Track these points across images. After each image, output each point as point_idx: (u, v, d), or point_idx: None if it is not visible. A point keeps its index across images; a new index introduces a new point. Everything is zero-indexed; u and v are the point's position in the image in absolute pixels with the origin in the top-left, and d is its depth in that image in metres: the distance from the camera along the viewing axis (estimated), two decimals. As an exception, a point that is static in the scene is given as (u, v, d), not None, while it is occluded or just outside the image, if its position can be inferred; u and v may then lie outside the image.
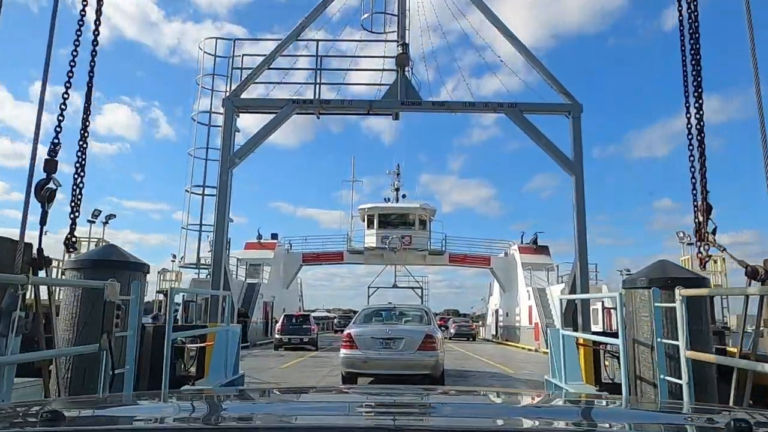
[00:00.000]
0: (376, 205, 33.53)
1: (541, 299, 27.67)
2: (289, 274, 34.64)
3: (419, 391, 2.45)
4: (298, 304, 39.85)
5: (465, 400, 2.10)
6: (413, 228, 33.29)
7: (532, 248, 32.43)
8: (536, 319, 27.44)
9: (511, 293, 33.45)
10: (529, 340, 28.20)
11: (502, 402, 2.06)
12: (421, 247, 33.02)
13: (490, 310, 40.24)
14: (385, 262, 34.31)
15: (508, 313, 33.99)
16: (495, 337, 36.46)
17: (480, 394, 2.66)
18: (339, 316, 50.71)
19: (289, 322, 23.32)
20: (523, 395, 2.69)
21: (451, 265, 34.86)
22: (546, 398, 2.65)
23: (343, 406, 1.79)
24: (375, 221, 33.43)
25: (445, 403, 1.98)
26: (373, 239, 33.13)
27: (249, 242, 32.91)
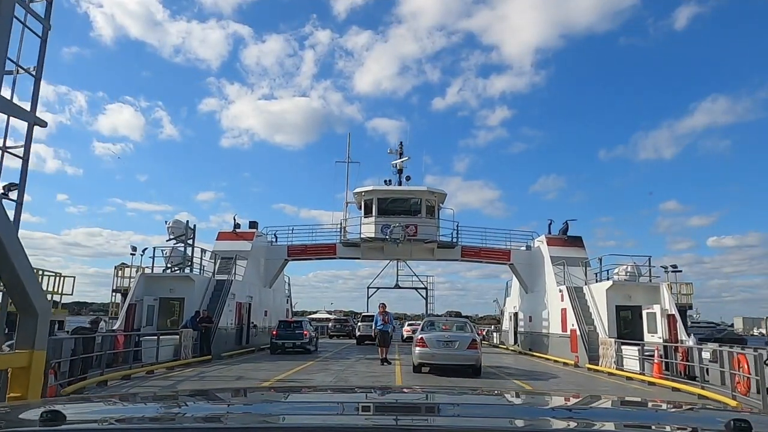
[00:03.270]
0: (375, 188, 28.17)
1: (579, 301, 22.26)
2: (271, 271, 29.28)
3: (420, 392, 2.85)
4: (284, 306, 34.43)
5: (466, 400, 2.17)
6: (419, 216, 27.92)
7: (563, 240, 27.01)
8: (573, 326, 22.03)
9: (535, 293, 28.03)
10: (562, 351, 22.79)
11: (502, 402, 2.16)
12: (428, 239, 27.64)
13: (507, 313, 34.82)
14: (385, 256, 28.95)
15: (531, 317, 28.54)
16: (515, 345, 31.02)
17: (481, 394, 2.70)
18: (334, 320, 45.37)
19: (283, 328, 23.91)
20: (524, 395, 2.83)
21: (464, 260, 29.46)
22: (546, 398, 2.64)
23: (346, 406, 1.87)
24: (374, 207, 28.07)
25: (447, 404, 2.08)
26: (371, 229, 27.77)
27: (222, 231, 27.59)
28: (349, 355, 24.34)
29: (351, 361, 20.37)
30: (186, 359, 17.92)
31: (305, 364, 18.46)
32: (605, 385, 15.07)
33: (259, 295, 27.96)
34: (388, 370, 17.25)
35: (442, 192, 28.60)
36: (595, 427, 1.57)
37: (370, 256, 29.39)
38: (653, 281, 21.47)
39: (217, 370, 16.24)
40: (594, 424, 1.64)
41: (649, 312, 19.96)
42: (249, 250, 26.41)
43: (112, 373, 13.69)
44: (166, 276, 21.76)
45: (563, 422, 1.66)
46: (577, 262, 24.89)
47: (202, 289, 22.08)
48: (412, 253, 28.87)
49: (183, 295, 21.18)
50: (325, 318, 60.14)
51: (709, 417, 1.77)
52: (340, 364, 18.72)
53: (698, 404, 3.77)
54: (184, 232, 22.36)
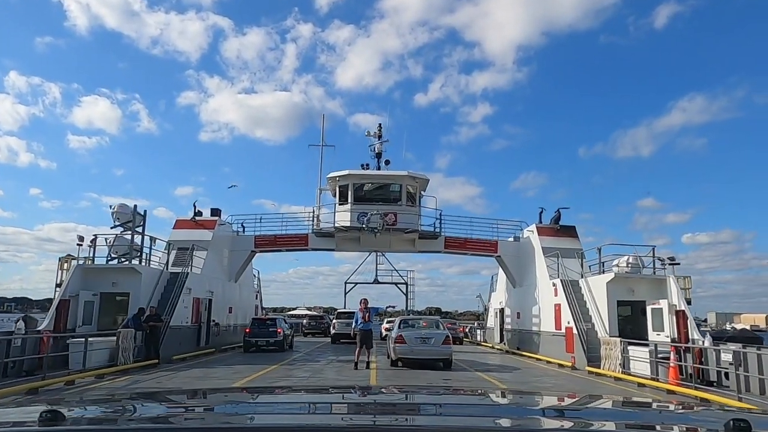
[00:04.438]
0: (350, 173, 25.63)
1: (575, 295, 20.10)
2: (236, 263, 26.60)
3: (397, 392, 2.68)
4: (253, 302, 31.75)
5: (445, 400, 2.18)
6: (399, 203, 25.49)
7: (555, 229, 24.85)
8: (568, 323, 19.87)
9: (524, 288, 25.87)
10: (556, 352, 20.64)
11: (479, 402, 2.17)
12: (409, 228, 25.24)
13: (492, 309, 32.66)
14: (362, 246, 26.47)
15: (520, 313, 26.38)
16: (501, 343, 28.86)
17: (460, 393, 2.79)
18: (309, 318, 42.80)
19: (257, 326, 23.63)
20: (499, 394, 2.68)
21: (447, 252, 27.11)
22: (538, 398, 2.57)
23: (325, 406, 1.91)
24: (349, 194, 25.55)
25: (425, 404, 2.09)
26: (346, 217, 25.26)
27: (180, 219, 24.82)
28: (320, 356, 21.88)
29: (320, 365, 17.90)
30: (125, 365, 15.28)
31: (267, 368, 15.95)
32: (617, 395, 12.84)
33: (222, 289, 25.28)
34: (362, 374, 14.87)
35: (424, 177, 26.19)
36: (592, 427, 1.54)
37: (346, 247, 26.88)
38: (657, 273, 19.37)
39: (156, 379, 13.61)
40: (591, 424, 1.59)
41: (654, 308, 17.87)
42: (210, 239, 23.70)
43: (12, 387, 10.95)
44: (108, 268, 18.99)
45: (557, 422, 1.63)
46: (571, 254, 22.73)
47: (152, 283, 19.37)
48: (392, 244, 26.44)
49: (128, 290, 18.45)
50: (304, 315, 57.68)
51: (709, 417, 1.77)
52: (306, 369, 16.22)
53: (697, 404, 3.72)
54: (132, 218, 19.59)
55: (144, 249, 20.28)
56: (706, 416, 1.81)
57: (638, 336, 17.57)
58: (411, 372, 15.90)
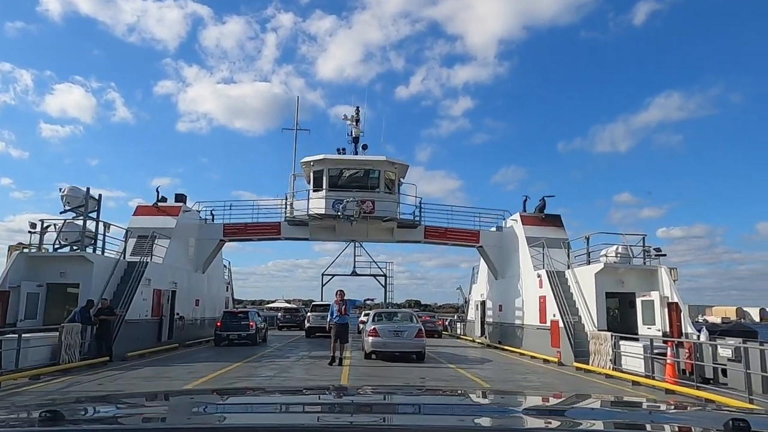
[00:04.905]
0: (325, 157, 24.18)
1: (561, 287, 19.04)
2: (204, 253, 25.01)
3: (374, 394, 2.54)
4: (223, 294, 30.18)
5: (424, 401, 2.16)
6: (377, 190, 24.15)
7: (540, 218, 23.78)
8: (554, 316, 18.82)
9: (507, 279, 24.80)
10: (540, 346, 19.59)
11: (460, 402, 2.12)
12: (387, 216, 23.92)
13: (473, 302, 31.61)
14: (337, 236, 25.08)
15: (502, 305, 25.33)
16: (482, 337, 27.82)
17: (439, 394, 2.67)
18: (284, 311, 41.33)
19: (228, 319, 22.80)
20: (480, 394, 2.64)
21: (427, 242, 25.89)
22: (515, 398, 2.53)
23: (302, 406, 1.91)
24: (324, 180, 24.12)
25: (404, 404, 2.05)
26: (321, 204, 23.85)
27: (141, 205, 23.13)
28: (292, 351, 20.54)
29: (289, 362, 16.56)
30: (69, 363, 13.72)
31: (229, 367, 14.55)
32: (611, 394, 11.75)
33: (188, 281, 23.70)
34: (333, 373, 13.59)
35: (404, 163, 24.89)
36: (591, 428, 1.54)
37: (320, 237, 25.48)
38: (648, 264, 18.39)
39: (98, 380, 12.09)
40: (590, 425, 1.59)
41: (645, 300, 16.89)
42: (173, 227, 22.07)
43: None
44: (54, 256, 17.30)
45: (543, 423, 1.60)
46: (556, 244, 21.69)
47: (106, 273, 17.74)
48: (369, 233, 25.10)
49: (78, 281, 16.82)
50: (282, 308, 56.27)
51: (708, 416, 1.77)
52: (272, 368, 14.84)
53: (696, 403, 3.55)
54: (84, 202, 17.90)
55: (99, 236, 18.60)
56: (705, 416, 1.80)
57: (626, 330, 16.58)
58: (385, 369, 14.73)
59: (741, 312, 51.19)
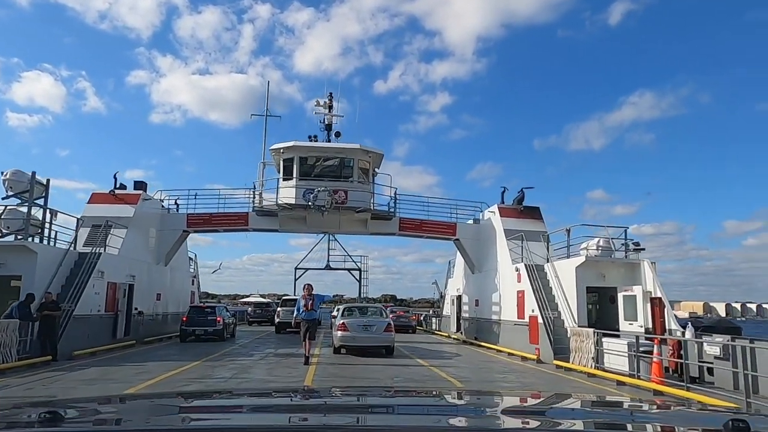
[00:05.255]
0: (296, 144, 22.98)
1: (540, 281, 18.28)
2: (166, 244, 23.62)
3: (350, 393, 2.62)
4: (188, 288, 28.77)
5: (399, 402, 2.13)
6: (350, 180, 23.06)
7: (518, 210, 23.01)
8: (533, 311, 18.07)
9: (484, 273, 24.00)
10: (518, 342, 18.84)
11: (436, 403, 2.11)
12: (360, 207, 22.84)
13: (449, 296, 30.81)
14: (309, 227, 23.91)
15: (479, 300, 24.55)
16: (458, 333, 27.03)
17: (414, 395, 2.61)
18: (255, 305, 39.98)
19: (194, 314, 22.16)
20: (455, 395, 2.63)
21: (402, 235, 24.91)
22: (492, 398, 2.50)
23: (278, 407, 1.88)
24: (295, 168, 22.93)
25: (378, 405, 2.01)
26: (291, 194, 22.66)
27: (97, 192, 21.64)
28: (257, 348, 19.39)
29: (252, 360, 15.43)
30: (3, 363, 12.37)
31: (184, 366, 13.38)
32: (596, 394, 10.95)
33: (148, 273, 22.31)
34: (297, 374, 12.54)
35: (378, 152, 23.81)
36: (596, 425, 1.53)
37: (290, 228, 24.27)
38: (630, 257, 17.72)
39: (32, 382, 10.79)
40: (595, 422, 1.59)
41: (626, 294, 16.18)
42: (131, 216, 20.65)
43: None
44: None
45: (532, 423, 1.58)
46: (535, 237, 20.94)
47: (52, 265, 16.31)
48: (341, 225, 24.00)
49: (20, 272, 15.40)
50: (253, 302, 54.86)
51: (708, 417, 1.77)
52: (231, 367, 13.70)
53: (695, 404, 3.52)
54: (29, 187, 16.42)
55: (46, 225, 17.13)
56: (704, 416, 1.81)
57: (606, 326, 15.90)
58: (354, 368, 13.76)
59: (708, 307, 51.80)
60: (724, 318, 21.67)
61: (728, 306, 52.89)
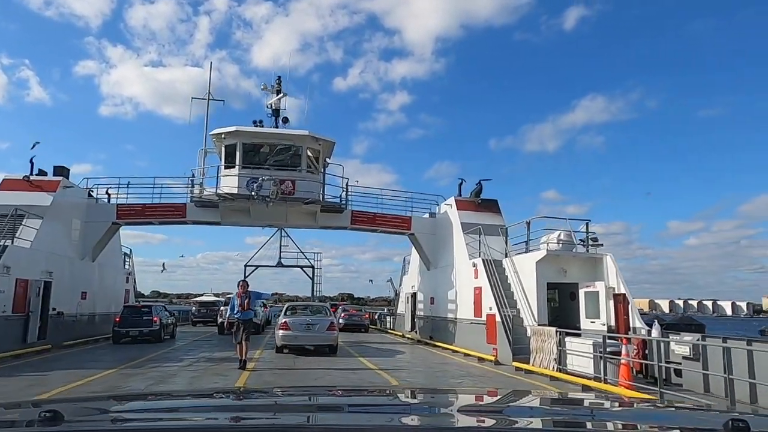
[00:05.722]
0: (239, 129, 21.17)
1: (498, 277, 17.20)
2: (92, 237, 21.38)
3: (301, 393, 2.56)
4: (122, 287, 26.45)
5: (351, 401, 2.10)
6: (299, 169, 21.43)
7: (476, 203, 21.95)
8: (490, 309, 16.97)
9: (440, 270, 22.85)
10: (475, 343, 17.72)
11: (390, 402, 2.06)
12: (309, 198, 21.24)
13: (404, 294, 29.58)
14: (252, 219, 22.14)
15: (434, 298, 23.39)
16: (412, 332, 25.81)
17: (366, 394, 2.60)
18: (199, 305, 37.72)
19: (128, 314, 20.77)
20: (408, 393, 2.57)
21: (354, 228, 23.44)
22: (446, 396, 2.50)
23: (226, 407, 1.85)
24: (238, 155, 21.13)
25: (330, 404, 1.99)
26: (233, 183, 20.85)
27: (9, 178, 19.26)
28: (191, 352, 17.57)
29: (179, 367, 13.66)
30: None
31: (95, 375, 11.54)
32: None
33: (70, 270, 20.05)
34: (228, 382, 10.94)
35: (329, 140, 22.24)
36: (593, 425, 1.53)
37: (233, 221, 22.41)
38: (592, 251, 16.84)
39: None
40: (593, 422, 1.60)
41: (588, 291, 15.27)
42: (47, 205, 18.40)
43: None
44: None
45: (487, 422, 1.59)
46: (494, 231, 19.88)
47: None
48: (289, 218, 22.34)
49: None
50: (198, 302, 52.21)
51: (707, 417, 1.74)
52: (150, 376, 11.92)
53: (695, 404, 3.45)
54: None
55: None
56: (704, 416, 1.78)
57: (566, 324, 14.93)
58: (293, 374, 12.26)
59: (653, 304, 52.91)
60: (686, 315, 21.23)
61: (672, 303, 54.08)
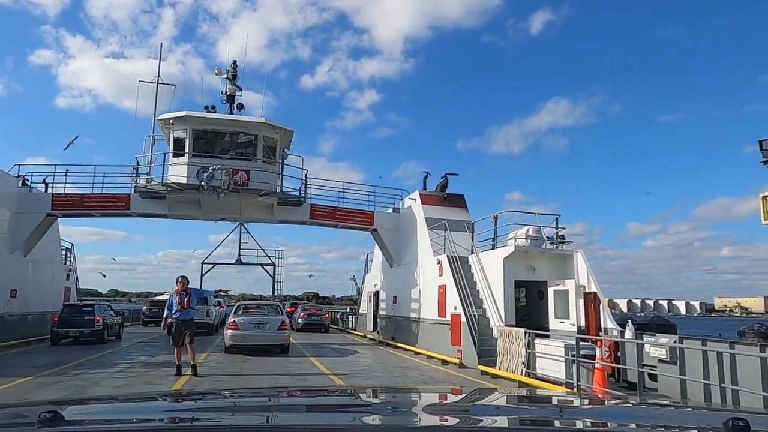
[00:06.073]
0: (188, 114, 19.61)
1: (464, 274, 16.25)
2: (24, 230, 19.49)
3: (261, 394, 2.56)
4: (62, 284, 24.48)
5: (311, 401, 2.08)
6: (254, 159, 20.03)
7: (441, 198, 20.98)
8: (455, 308, 16.01)
9: (404, 267, 21.82)
10: (438, 344, 16.73)
11: (352, 402, 2.03)
12: (265, 190, 19.84)
13: (366, 292, 28.47)
14: (203, 212, 20.59)
15: (397, 297, 22.34)
16: (374, 332, 24.71)
17: (326, 394, 2.57)
18: (150, 304, 35.67)
19: (68, 313, 19.44)
20: (370, 392, 2.51)
21: (313, 223, 22.15)
22: (409, 395, 2.46)
23: (187, 409, 1.81)
24: (187, 143, 19.58)
25: (291, 405, 1.97)
26: (182, 172, 19.29)
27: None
28: (129, 355, 16.04)
29: (108, 373, 12.16)
30: None
31: (5, 385, 10.00)
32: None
33: (3, 266, 18.19)
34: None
35: (287, 128, 20.87)
36: (594, 425, 1.50)
37: (182, 213, 20.82)
38: (562, 248, 16.06)
39: None
40: (590, 422, 1.55)
41: (558, 289, 14.47)
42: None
43: None
44: None
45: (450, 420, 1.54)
46: (460, 226, 18.94)
47: None
48: (243, 211, 20.89)
49: None
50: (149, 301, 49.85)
51: (707, 416, 1.73)
52: (70, 385, 10.43)
53: (697, 404, 3.42)
54: None
55: None
56: (704, 415, 1.77)
57: (534, 324, 14.10)
58: (237, 381, 11.02)
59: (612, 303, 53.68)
60: (658, 315, 20.74)
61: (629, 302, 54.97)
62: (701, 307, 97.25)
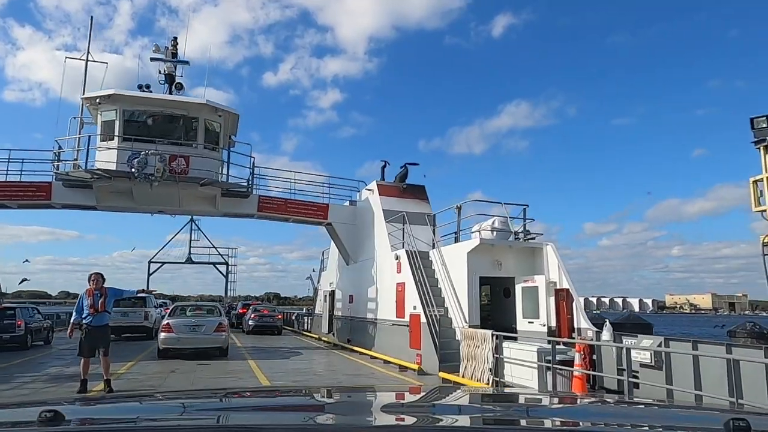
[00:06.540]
0: (117, 93, 17.48)
1: (424, 271, 14.80)
2: None
3: (213, 395, 2.40)
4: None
5: (264, 402, 2.05)
6: (194, 144, 18.05)
7: (400, 188, 19.51)
8: (414, 308, 14.56)
9: (360, 264, 20.27)
10: (397, 348, 15.25)
11: (307, 402, 2.00)
12: (206, 179, 17.88)
13: (321, 292, 26.76)
14: (136, 203, 18.42)
15: (353, 296, 20.76)
16: (329, 334, 23.04)
17: (278, 395, 2.44)
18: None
19: None
20: (324, 392, 2.45)
21: (262, 216, 20.27)
22: (365, 395, 2.37)
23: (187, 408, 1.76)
24: (117, 126, 17.46)
25: (243, 406, 1.93)
26: (112, 157, 17.16)
27: None
28: (42, 365, 13.98)
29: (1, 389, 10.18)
30: None
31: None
32: None
33: None
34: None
35: (232, 111, 18.91)
36: (591, 425, 1.43)
37: (112, 204, 18.59)
38: (530, 240, 14.82)
39: None
40: (591, 422, 1.47)
41: (527, 286, 13.17)
42: None
43: None
44: None
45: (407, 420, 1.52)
46: (420, 219, 17.48)
47: None
48: (182, 202, 18.83)
49: None
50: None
51: (708, 416, 1.69)
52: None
53: (697, 404, 3.41)
54: None
55: None
56: (704, 415, 1.75)
57: (500, 325, 12.79)
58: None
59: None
60: (633, 314, 19.87)
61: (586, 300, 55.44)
62: (653, 304, 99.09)
